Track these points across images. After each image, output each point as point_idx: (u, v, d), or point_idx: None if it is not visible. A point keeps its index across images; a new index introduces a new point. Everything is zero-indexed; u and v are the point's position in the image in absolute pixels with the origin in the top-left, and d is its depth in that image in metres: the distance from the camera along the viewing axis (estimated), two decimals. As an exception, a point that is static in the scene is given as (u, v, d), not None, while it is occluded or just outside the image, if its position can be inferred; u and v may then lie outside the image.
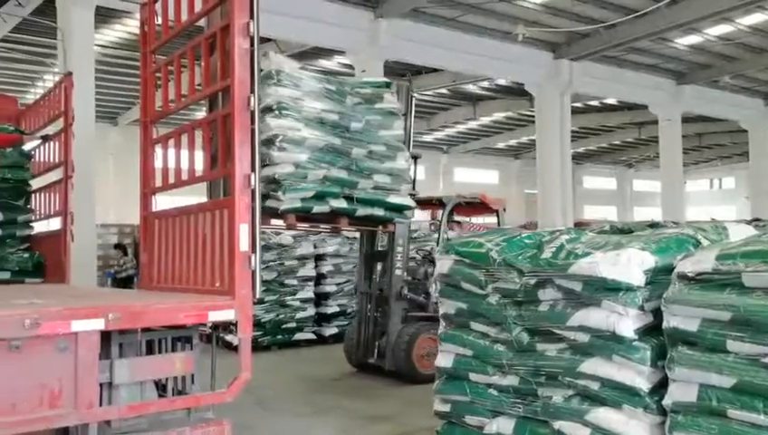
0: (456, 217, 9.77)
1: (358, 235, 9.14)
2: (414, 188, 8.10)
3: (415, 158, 8.36)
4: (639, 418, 3.56)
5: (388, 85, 7.51)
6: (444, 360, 4.54)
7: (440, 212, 9.00)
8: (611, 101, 23.35)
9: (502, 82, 20.51)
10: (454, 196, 8.89)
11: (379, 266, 8.47)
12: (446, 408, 4.51)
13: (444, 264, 4.60)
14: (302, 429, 6.19)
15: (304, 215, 6.74)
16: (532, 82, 18.07)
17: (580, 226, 8.05)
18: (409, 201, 7.40)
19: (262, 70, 6.20)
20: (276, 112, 6.39)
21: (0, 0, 12.97)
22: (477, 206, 9.39)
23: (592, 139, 30.66)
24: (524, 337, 4.07)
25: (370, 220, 7.27)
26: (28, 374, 3.17)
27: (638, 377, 3.56)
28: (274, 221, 6.80)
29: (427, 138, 29.75)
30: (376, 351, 8.20)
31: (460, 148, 32.03)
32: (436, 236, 9.19)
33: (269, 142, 6.29)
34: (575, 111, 20.94)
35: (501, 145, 31.83)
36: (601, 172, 38.86)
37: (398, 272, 8.03)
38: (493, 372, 4.23)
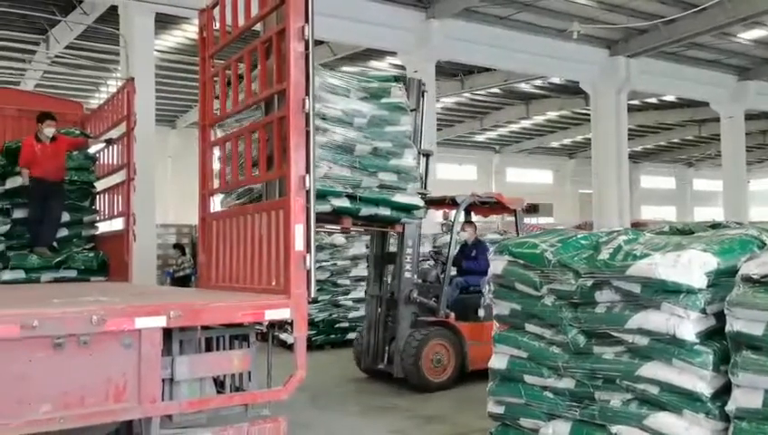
0: (471, 217, 9.08)
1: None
2: (425, 187, 7.76)
3: (427, 155, 8.03)
4: (701, 424, 3.47)
5: (396, 79, 7.18)
6: (498, 361, 4.51)
7: (452, 212, 8.42)
8: (670, 98, 22.72)
9: (556, 80, 20.22)
10: (468, 195, 8.32)
11: (390, 269, 8.12)
12: (500, 410, 4.48)
13: (497, 265, 4.57)
14: (357, 427, 6.24)
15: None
16: (587, 80, 17.75)
17: (637, 226, 7.82)
18: (418, 200, 7.00)
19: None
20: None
21: (66, 9, 13.53)
22: (494, 205, 8.91)
23: (650, 137, 29.90)
24: (581, 339, 4.01)
25: (376, 220, 6.95)
26: (95, 369, 3.30)
27: (700, 382, 3.47)
28: None
29: (479, 138, 29.57)
30: (386, 356, 7.84)
31: (513, 147, 31.71)
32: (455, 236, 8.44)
33: None
34: (632, 109, 20.47)
35: (555, 144, 31.37)
36: (660, 171, 37.82)
37: (407, 275, 7.69)
38: (548, 375, 4.18)
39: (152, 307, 3.55)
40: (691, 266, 3.50)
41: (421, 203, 7.11)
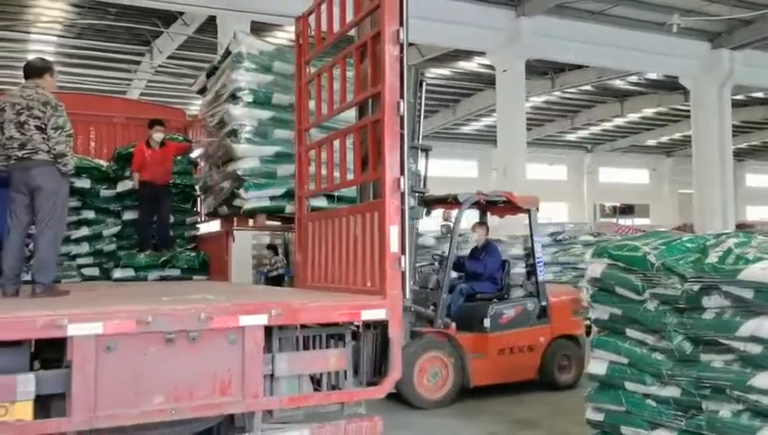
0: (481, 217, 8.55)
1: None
2: (424, 186, 7.21)
3: (426, 150, 7.25)
4: (821, 439, 3.25)
5: None
6: (597, 366, 4.39)
7: (453, 213, 7.63)
8: (779, 91, 21.40)
9: (652, 75, 19.47)
10: (472, 193, 7.70)
11: None
12: (600, 417, 4.35)
13: (596, 268, 4.45)
14: (450, 429, 6.24)
15: (281, 215, 6.19)
16: (687, 75, 17.01)
17: (743, 228, 7.40)
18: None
19: (230, 52, 5.65)
20: (242, 100, 5.87)
21: (168, 20, 14.24)
22: (505, 205, 8.13)
23: (756, 133, 28.25)
24: (686, 346, 3.85)
25: None
26: (203, 364, 3.44)
27: (821, 394, 3.26)
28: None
29: (570, 136, 28.84)
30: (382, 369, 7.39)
31: (606, 146, 30.74)
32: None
33: (232, 134, 5.78)
34: (736, 104, 19.41)
35: (651, 142, 30.16)
36: (767, 169, 35.62)
37: None
38: (651, 382, 4.03)
39: (255, 306, 3.66)
40: (810, 271, 3.30)
41: (412, 203, 6.46)
